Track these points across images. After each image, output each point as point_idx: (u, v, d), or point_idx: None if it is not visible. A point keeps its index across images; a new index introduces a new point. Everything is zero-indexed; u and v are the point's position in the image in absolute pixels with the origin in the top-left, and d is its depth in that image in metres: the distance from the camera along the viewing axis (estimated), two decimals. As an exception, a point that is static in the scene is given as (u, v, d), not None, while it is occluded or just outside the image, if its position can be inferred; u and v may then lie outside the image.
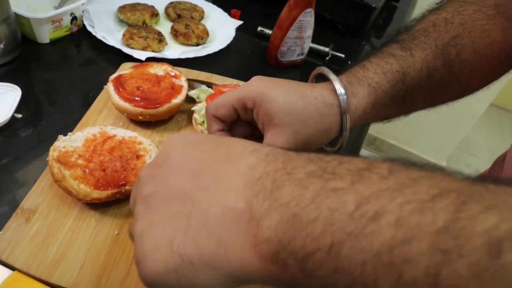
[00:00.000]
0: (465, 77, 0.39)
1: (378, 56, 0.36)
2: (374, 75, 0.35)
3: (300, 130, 0.32)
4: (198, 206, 0.21)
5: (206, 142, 0.24)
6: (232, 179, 0.21)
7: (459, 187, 0.16)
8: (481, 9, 0.38)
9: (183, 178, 0.22)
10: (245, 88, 0.32)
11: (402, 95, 0.36)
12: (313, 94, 0.33)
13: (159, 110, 0.47)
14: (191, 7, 0.73)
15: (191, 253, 0.20)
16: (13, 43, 0.55)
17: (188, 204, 0.21)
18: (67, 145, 0.40)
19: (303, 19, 0.62)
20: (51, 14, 0.58)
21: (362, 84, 0.34)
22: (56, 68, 0.58)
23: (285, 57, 0.67)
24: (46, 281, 0.32)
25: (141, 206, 0.23)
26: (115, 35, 0.63)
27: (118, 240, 0.36)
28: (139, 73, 0.51)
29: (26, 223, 0.36)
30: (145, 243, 0.21)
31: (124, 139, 0.43)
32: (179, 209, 0.21)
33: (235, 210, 0.19)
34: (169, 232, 0.21)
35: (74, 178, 0.37)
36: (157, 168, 0.24)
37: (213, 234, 0.20)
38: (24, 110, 0.48)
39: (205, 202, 0.21)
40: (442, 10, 0.39)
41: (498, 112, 2.36)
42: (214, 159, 0.22)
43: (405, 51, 0.36)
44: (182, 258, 0.20)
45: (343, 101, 0.33)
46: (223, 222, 0.20)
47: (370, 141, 1.86)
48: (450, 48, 0.37)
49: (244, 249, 0.19)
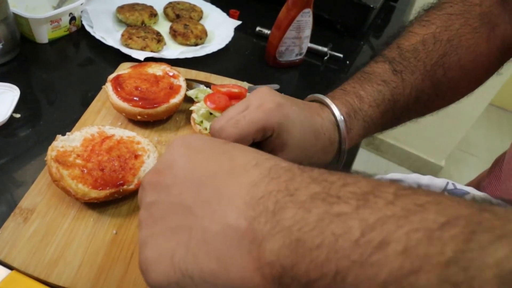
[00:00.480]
0: (451, 93, 0.41)
1: (371, 81, 0.37)
2: (369, 108, 0.36)
3: (306, 158, 0.33)
4: (199, 222, 0.21)
5: (210, 150, 0.24)
6: (234, 196, 0.20)
7: (467, 214, 0.15)
8: (467, 22, 0.38)
9: (185, 189, 0.22)
10: (262, 116, 0.30)
11: (390, 121, 0.38)
12: (323, 130, 0.33)
13: (157, 110, 0.47)
14: (189, 7, 0.73)
15: (192, 269, 0.20)
16: (11, 43, 0.55)
17: (189, 218, 0.21)
18: (65, 145, 0.40)
19: (301, 19, 0.62)
20: (50, 14, 0.58)
21: (358, 118, 0.36)
22: (55, 68, 0.59)
23: (284, 57, 0.67)
24: (44, 281, 0.32)
25: (144, 213, 0.24)
26: (114, 35, 0.63)
27: (116, 239, 0.36)
28: (138, 73, 0.51)
29: (24, 222, 0.36)
30: (147, 253, 0.22)
31: (123, 138, 0.43)
32: (180, 222, 0.21)
33: (237, 229, 0.19)
34: (171, 245, 0.21)
35: (72, 177, 0.37)
36: (160, 176, 0.24)
37: (213, 252, 0.20)
38: (23, 110, 0.48)
39: (206, 218, 0.21)
40: (430, 22, 0.40)
41: (497, 111, 2.37)
42: (216, 171, 0.22)
43: (396, 76, 0.37)
44: (182, 273, 0.20)
45: (344, 139, 0.35)
46: (224, 241, 0.19)
47: (369, 140, 1.86)
48: (438, 68, 0.38)
49: (246, 270, 0.19)
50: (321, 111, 0.35)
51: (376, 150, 1.89)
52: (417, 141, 1.76)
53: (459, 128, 1.63)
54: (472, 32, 0.38)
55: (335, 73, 0.72)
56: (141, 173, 0.40)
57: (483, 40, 0.38)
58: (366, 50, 0.82)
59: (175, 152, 0.25)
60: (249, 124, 0.30)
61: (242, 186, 0.21)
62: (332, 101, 0.35)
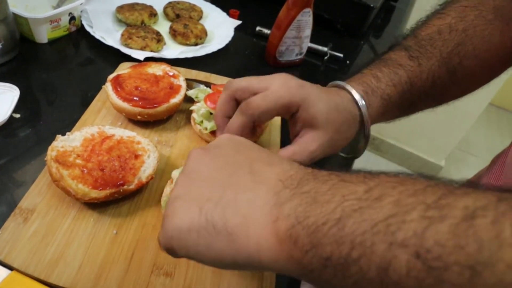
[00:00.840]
0: (466, 81, 0.42)
1: (388, 65, 0.39)
2: (386, 87, 0.38)
3: (334, 137, 0.35)
4: (233, 190, 0.24)
5: (253, 146, 0.28)
6: (267, 176, 0.24)
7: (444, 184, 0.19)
8: (481, 14, 0.40)
9: (226, 166, 0.26)
10: (288, 92, 0.34)
11: (408, 103, 0.39)
12: (343, 106, 0.36)
13: (157, 110, 0.47)
14: (189, 7, 0.73)
15: (217, 219, 0.22)
16: (11, 43, 0.55)
17: (224, 185, 0.24)
18: (66, 145, 0.40)
19: (302, 18, 0.62)
20: (49, 14, 0.58)
21: (376, 95, 0.37)
22: (55, 68, 0.58)
23: (284, 56, 0.67)
24: (44, 281, 0.32)
25: (183, 177, 0.26)
26: (114, 35, 0.63)
27: (117, 239, 0.36)
28: (138, 73, 0.51)
29: (25, 222, 0.36)
30: (177, 204, 0.24)
31: (123, 138, 0.43)
32: (215, 186, 0.25)
33: (265, 198, 0.23)
34: (202, 198, 0.24)
35: (72, 177, 0.37)
36: (207, 151, 0.28)
37: (240, 211, 0.23)
38: (22, 110, 0.48)
39: (240, 188, 0.24)
40: (445, 14, 0.41)
41: (497, 111, 2.37)
42: (255, 158, 0.26)
43: (413, 61, 0.39)
44: (207, 220, 0.23)
45: (365, 113, 0.36)
46: (252, 204, 0.23)
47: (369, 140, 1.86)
48: (454, 56, 0.39)
49: (265, 229, 0.22)
50: (339, 92, 0.37)
51: (376, 150, 1.89)
52: (417, 141, 1.76)
53: (459, 128, 1.63)
54: (486, 24, 0.39)
55: (335, 73, 0.72)
56: (141, 173, 0.40)
57: (496, 32, 0.39)
58: (366, 49, 0.82)
59: (223, 141, 0.29)
60: (277, 99, 0.33)
61: (274, 172, 0.24)
62: (349, 83, 0.37)
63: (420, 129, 1.70)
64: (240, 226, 0.22)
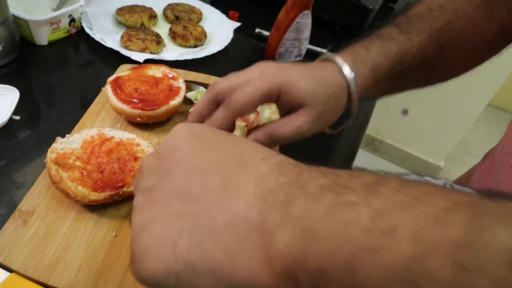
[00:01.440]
0: (453, 61, 0.42)
1: (379, 37, 0.39)
2: (377, 57, 0.37)
3: (323, 110, 0.34)
4: (206, 210, 0.20)
5: (216, 140, 0.24)
6: (243, 186, 0.20)
7: (469, 201, 0.16)
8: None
9: (190, 176, 0.21)
10: (265, 80, 0.32)
11: (398, 76, 0.39)
12: (328, 77, 0.34)
13: (157, 112, 0.47)
14: (189, 9, 0.74)
15: (196, 259, 0.19)
16: (11, 45, 0.55)
17: (194, 205, 0.20)
18: (65, 147, 0.40)
19: (301, 20, 0.62)
20: (49, 16, 0.58)
21: (365, 64, 0.36)
22: (54, 70, 0.59)
23: (283, 58, 0.67)
24: (43, 283, 0.32)
25: (141, 198, 0.22)
26: (113, 37, 0.63)
27: (116, 242, 0.36)
28: (137, 75, 0.51)
29: (24, 225, 0.36)
30: (144, 240, 0.20)
31: (122, 141, 0.43)
32: (183, 209, 0.20)
33: (246, 220, 0.19)
34: (172, 232, 0.20)
35: (71, 180, 0.37)
36: (162, 160, 0.23)
37: (220, 242, 0.19)
38: (22, 112, 0.48)
39: (214, 207, 0.20)
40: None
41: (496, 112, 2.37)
42: (224, 161, 0.22)
43: (404, 35, 0.39)
44: (185, 263, 0.19)
45: (353, 84, 0.35)
46: (232, 231, 0.19)
47: (368, 141, 1.87)
48: (443, 33, 0.39)
49: (254, 262, 0.18)
50: (324, 65, 0.36)
51: (376, 151, 1.89)
52: (416, 141, 1.76)
53: (458, 129, 1.63)
54: (474, 7, 0.40)
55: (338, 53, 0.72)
56: (141, 175, 0.40)
57: (483, 17, 0.40)
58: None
59: (179, 137, 0.24)
60: (255, 90, 0.31)
61: (251, 178, 0.20)
62: (338, 54, 0.36)
63: (420, 130, 1.70)
64: (223, 262, 0.19)
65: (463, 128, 1.62)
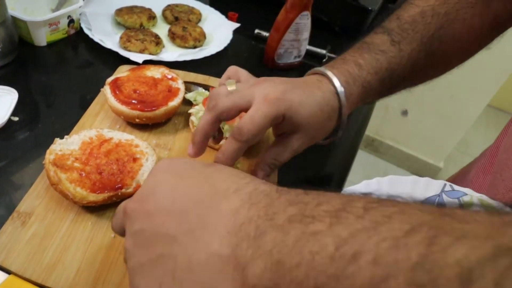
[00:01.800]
0: (443, 64, 0.43)
1: (370, 51, 0.39)
2: (367, 75, 0.38)
3: (317, 131, 0.36)
4: (184, 250, 0.21)
5: (193, 176, 0.25)
6: (216, 224, 0.21)
7: (429, 220, 0.16)
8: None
9: (168, 218, 0.23)
10: (271, 107, 0.33)
11: (387, 88, 0.40)
12: (325, 102, 0.36)
13: (156, 113, 0.47)
14: (188, 9, 0.74)
15: None
16: (10, 46, 0.55)
17: (173, 247, 0.22)
18: (64, 148, 0.40)
19: (300, 21, 0.62)
20: (48, 17, 0.58)
21: (357, 84, 0.38)
22: (53, 71, 0.59)
23: (282, 59, 0.67)
24: (42, 285, 0.32)
25: (130, 241, 0.24)
26: (112, 37, 0.63)
27: (115, 243, 0.36)
28: (136, 75, 0.51)
29: (22, 226, 0.36)
30: (137, 283, 0.23)
31: (121, 142, 0.43)
32: (165, 251, 0.22)
33: (220, 257, 0.20)
34: (158, 274, 0.22)
35: (70, 181, 0.37)
36: (143, 203, 0.24)
37: (198, 280, 0.20)
38: (21, 113, 0.48)
39: (190, 247, 0.21)
40: None
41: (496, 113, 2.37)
42: (199, 198, 0.23)
43: (394, 46, 0.39)
44: None
45: (345, 106, 0.37)
46: (208, 268, 0.20)
47: (368, 142, 1.87)
48: (434, 40, 0.40)
49: None
50: (320, 84, 0.37)
51: (375, 151, 1.89)
52: (416, 142, 1.77)
53: (458, 130, 1.63)
54: (468, 7, 0.40)
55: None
56: (140, 176, 0.40)
57: (477, 15, 0.40)
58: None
59: (158, 178, 0.25)
60: (263, 118, 0.32)
61: (224, 214, 0.21)
62: (331, 70, 0.37)
63: (419, 130, 1.70)
64: None
65: (462, 129, 1.62)
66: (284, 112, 0.33)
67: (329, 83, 0.37)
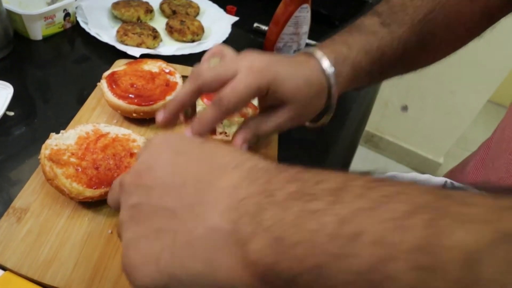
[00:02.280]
0: (435, 49, 0.43)
1: (360, 31, 0.39)
2: (357, 55, 0.37)
3: (305, 107, 0.35)
4: (183, 225, 0.21)
5: (190, 151, 0.24)
6: (216, 199, 0.21)
7: (431, 202, 0.16)
8: None
9: (166, 192, 0.22)
10: (255, 77, 0.32)
11: (379, 70, 0.39)
12: (312, 78, 0.35)
13: (153, 107, 0.46)
14: (186, 3, 0.73)
15: (179, 273, 0.20)
16: (5, 40, 0.54)
17: (172, 221, 0.21)
18: (59, 143, 0.39)
19: (299, 14, 0.62)
20: (44, 10, 0.57)
21: (346, 64, 0.37)
22: (49, 65, 0.58)
23: (282, 53, 0.66)
24: (38, 281, 0.32)
25: (125, 215, 0.23)
26: (109, 31, 0.63)
27: (112, 239, 0.36)
28: (133, 70, 0.50)
29: (18, 222, 0.35)
30: (131, 257, 0.22)
31: (118, 136, 0.42)
32: (163, 225, 0.22)
33: (221, 232, 0.20)
34: (155, 249, 0.21)
35: (66, 176, 0.36)
36: (140, 178, 0.24)
37: (199, 255, 0.20)
38: (17, 108, 0.48)
39: (190, 221, 0.21)
40: None
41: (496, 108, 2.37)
42: (198, 173, 0.22)
43: (385, 28, 0.39)
44: (169, 276, 0.21)
45: (333, 85, 0.36)
46: (209, 243, 0.20)
47: (367, 138, 1.86)
48: (425, 23, 0.39)
49: (233, 269, 0.19)
50: (308, 62, 0.36)
51: (375, 147, 1.88)
52: (415, 138, 1.76)
53: (458, 125, 1.63)
54: None
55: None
56: (137, 172, 0.39)
57: (467, 3, 0.40)
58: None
59: (155, 153, 0.25)
60: (246, 88, 0.31)
61: (223, 189, 0.21)
62: (320, 49, 0.36)
63: (419, 126, 1.70)
64: (204, 274, 0.20)
65: (463, 125, 1.62)
66: (268, 83, 0.32)
67: (317, 61, 0.36)
